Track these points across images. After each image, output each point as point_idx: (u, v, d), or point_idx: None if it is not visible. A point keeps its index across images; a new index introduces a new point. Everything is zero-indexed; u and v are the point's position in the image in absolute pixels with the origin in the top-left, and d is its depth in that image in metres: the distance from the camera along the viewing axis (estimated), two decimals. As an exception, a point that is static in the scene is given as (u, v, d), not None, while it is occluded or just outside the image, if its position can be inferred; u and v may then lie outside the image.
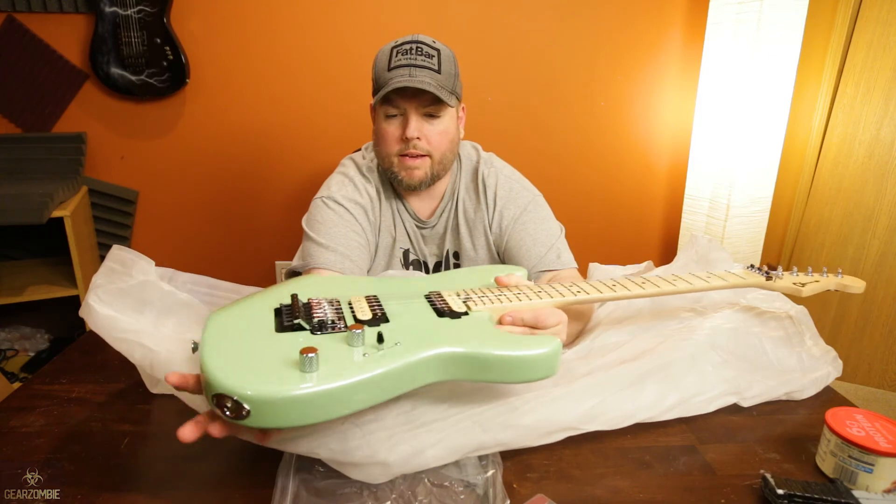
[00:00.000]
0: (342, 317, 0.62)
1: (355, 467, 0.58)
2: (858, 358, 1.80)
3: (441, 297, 0.70)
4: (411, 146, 0.96)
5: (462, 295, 0.71)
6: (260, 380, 0.51)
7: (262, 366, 0.54)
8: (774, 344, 0.83)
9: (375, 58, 0.99)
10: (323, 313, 0.62)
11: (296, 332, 0.59)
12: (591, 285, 0.76)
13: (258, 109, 1.96)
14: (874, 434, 0.61)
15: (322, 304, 0.65)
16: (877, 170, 1.73)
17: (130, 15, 1.75)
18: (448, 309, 0.66)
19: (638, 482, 0.63)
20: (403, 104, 0.95)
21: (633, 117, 2.11)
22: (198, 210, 2.04)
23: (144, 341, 0.68)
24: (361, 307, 0.65)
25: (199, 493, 0.61)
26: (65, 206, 1.70)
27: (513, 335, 0.63)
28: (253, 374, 0.52)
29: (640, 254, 2.23)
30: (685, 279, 0.81)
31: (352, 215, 1.02)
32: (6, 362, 1.86)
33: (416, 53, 0.94)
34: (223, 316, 0.63)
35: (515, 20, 1.96)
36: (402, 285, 0.74)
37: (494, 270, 0.80)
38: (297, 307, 0.63)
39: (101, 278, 0.76)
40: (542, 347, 0.60)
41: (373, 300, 0.68)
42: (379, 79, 0.96)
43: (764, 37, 1.71)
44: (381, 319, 0.62)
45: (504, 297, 0.70)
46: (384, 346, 0.57)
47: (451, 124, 1.00)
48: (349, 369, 0.53)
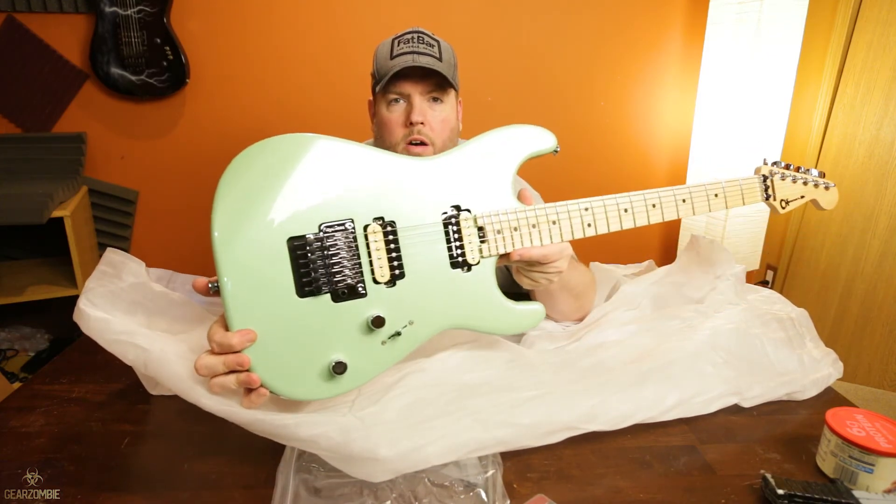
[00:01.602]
0: (360, 273, 0.65)
1: (355, 463, 0.58)
2: (858, 358, 1.80)
3: (459, 229, 0.70)
4: (416, 131, 0.95)
5: (480, 220, 0.71)
6: (293, 383, 0.61)
7: (293, 363, 0.61)
8: (775, 345, 0.83)
9: (376, 51, 0.99)
10: (342, 270, 0.64)
11: (316, 296, 0.63)
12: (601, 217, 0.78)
13: (258, 109, 1.96)
14: (874, 434, 0.61)
15: (339, 247, 0.64)
16: (877, 170, 1.73)
17: (130, 15, 1.75)
18: (462, 259, 0.70)
19: (638, 482, 0.63)
20: (408, 88, 0.95)
21: (633, 117, 2.11)
22: (198, 210, 2.04)
23: (137, 341, 0.68)
24: (379, 257, 0.66)
25: (199, 493, 0.61)
26: (65, 206, 1.70)
27: (507, 304, 0.72)
28: (286, 374, 0.61)
29: (640, 253, 2.23)
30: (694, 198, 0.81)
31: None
32: (6, 362, 1.86)
33: (417, 42, 0.96)
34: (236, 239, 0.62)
35: (515, 20, 1.96)
36: (420, 182, 0.70)
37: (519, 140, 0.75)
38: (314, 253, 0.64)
39: (93, 282, 0.76)
40: (527, 320, 0.74)
41: (389, 236, 0.67)
42: (381, 68, 0.97)
43: (764, 37, 1.71)
44: (398, 277, 0.67)
45: (518, 234, 0.72)
46: (401, 335, 0.65)
47: (451, 113, 1.00)
48: (370, 367, 0.63)
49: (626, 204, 0.78)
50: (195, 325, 0.80)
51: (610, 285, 1.00)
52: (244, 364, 0.60)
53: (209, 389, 0.62)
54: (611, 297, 0.98)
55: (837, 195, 0.92)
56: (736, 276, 0.94)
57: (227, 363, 0.61)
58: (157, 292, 0.80)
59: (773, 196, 0.87)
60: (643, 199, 0.78)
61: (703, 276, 0.97)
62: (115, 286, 0.75)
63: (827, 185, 0.91)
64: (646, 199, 0.78)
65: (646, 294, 0.97)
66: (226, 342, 0.60)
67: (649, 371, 0.75)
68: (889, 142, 1.70)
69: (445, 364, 0.74)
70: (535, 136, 0.76)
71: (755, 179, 0.86)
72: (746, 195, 0.85)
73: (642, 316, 0.92)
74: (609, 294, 0.99)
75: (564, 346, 0.85)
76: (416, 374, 0.71)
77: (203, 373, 0.61)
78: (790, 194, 0.89)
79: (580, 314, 0.95)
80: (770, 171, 0.88)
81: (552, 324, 0.94)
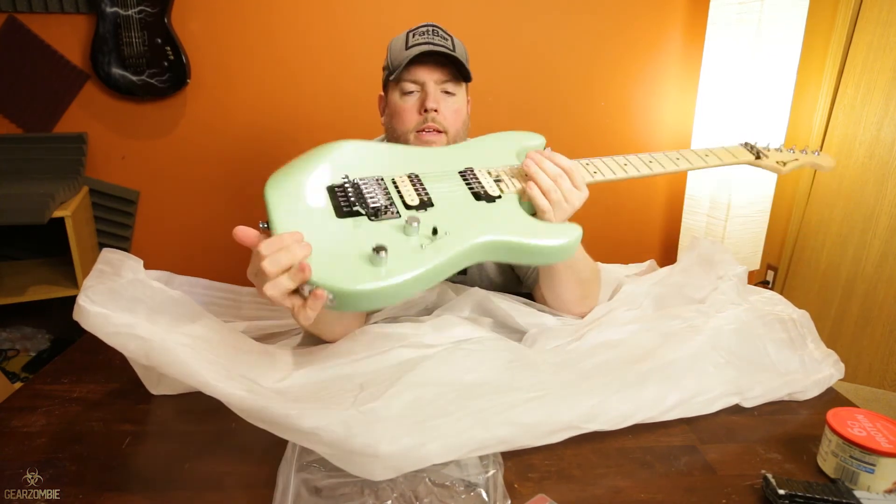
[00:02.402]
0: (392, 201, 0.69)
1: (355, 459, 0.57)
2: (859, 358, 1.79)
3: (475, 176, 0.76)
4: (430, 119, 0.95)
5: (493, 173, 0.77)
6: (341, 275, 0.60)
7: (338, 259, 0.62)
8: (777, 346, 0.83)
9: (390, 45, 1.01)
10: (375, 198, 0.68)
11: (354, 217, 0.66)
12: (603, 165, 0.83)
13: (259, 109, 1.96)
14: (875, 434, 0.61)
15: (371, 186, 0.70)
16: (877, 170, 1.73)
17: (131, 15, 1.75)
18: (483, 192, 0.73)
19: (639, 482, 0.63)
20: (423, 75, 0.96)
21: (634, 117, 2.11)
22: (198, 210, 2.04)
23: (138, 332, 0.67)
24: (408, 191, 0.71)
25: (199, 493, 0.61)
26: (66, 206, 1.70)
27: (541, 223, 0.73)
28: (333, 268, 0.61)
29: (640, 253, 2.23)
30: (686, 157, 0.89)
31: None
32: (7, 362, 1.86)
33: (432, 35, 0.98)
34: (282, 195, 0.67)
35: (515, 20, 1.96)
36: (435, 159, 0.78)
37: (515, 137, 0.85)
38: (349, 189, 0.70)
39: (92, 280, 0.75)
40: (565, 237, 0.72)
41: (415, 180, 0.73)
42: (395, 59, 0.98)
43: (764, 37, 1.71)
44: (427, 204, 0.70)
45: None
46: (437, 238, 0.66)
47: (463, 105, 1.01)
48: (412, 262, 0.63)
49: (624, 161, 0.84)
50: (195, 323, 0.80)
51: (612, 285, 1.00)
52: (295, 256, 0.59)
53: (261, 293, 0.59)
54: (613, 297, 0.98)
55: (831, 157, 0.98)
56: (738, 277, 0.94)
57: (276, 259, 0.58)
58: (155, 289, 0.79)
59: (766, 157, 0.93)
60: (639, 157, 0.86)
61: (705, 276, 0.97)
62: (114, 283, 0.75)
63: (815, 152, 0.97)
64: (641, 158, 0.86)
65: (647, 294, 0.97)
66: (276, 240, 0.59)
67: (650, 371, 0.75)
68: (889, 142, 1.70)
69: (447, 363, 0.74)
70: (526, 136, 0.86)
71: (738, 145, 0.95)
72: (736, 154, 0.93)
73: (643, 316, 0.92)
74: (612, 294, 0.99)
75: (565, 346, 0.85)
76: (419, 373, 0.71)
77: (270, 269, 0.58)
78: (784, 158, 0.95)
79: (583, 306, 0.94)
80: (751, 145, 0.96)
81: (552, 319, 0.93)
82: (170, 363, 0.65)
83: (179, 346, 0.66)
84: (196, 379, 0.63)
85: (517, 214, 0.74)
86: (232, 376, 0.65)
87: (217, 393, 0.62)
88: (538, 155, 0.76)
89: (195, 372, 0.63)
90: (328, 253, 0.62)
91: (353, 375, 0.72)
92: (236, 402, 0.61)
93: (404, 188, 0.72)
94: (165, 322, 0.76)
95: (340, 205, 0.67)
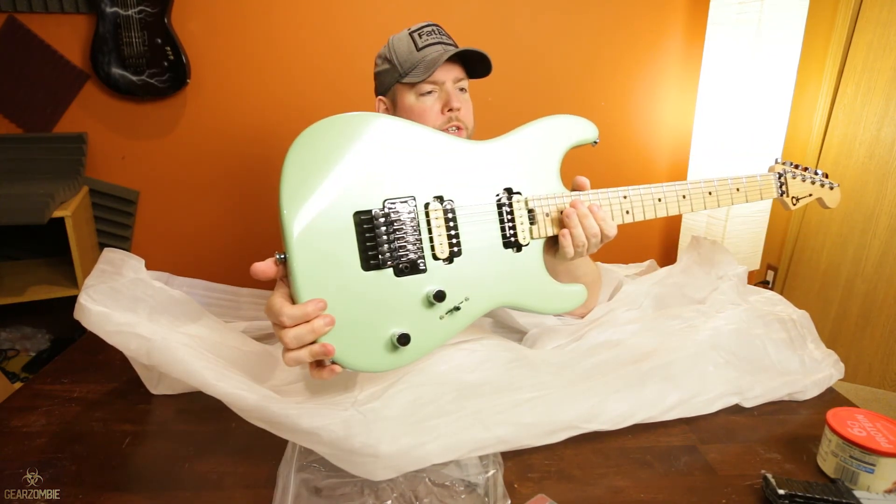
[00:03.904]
0: (421, 253, 0.67)
1: (355, 459, 0.57)
2: (859, 358, 1.79)
3: (511, 210, 0.73)
4: (454, 118, 0.95)
5: (530, 203, 0.74)
6: (363, 360, 0.62)
7: (359, 335, 0.62)
8: (777, 346, 0.83)
9: (391, 46, 0.99)
10: (405, 246, 0.66)
11: (380, 270, 0.65)
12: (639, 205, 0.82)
13: (259, 109, 1.96)
14: (875, 434, 0.61)
15: (402, 223, 0.66)
16: (877, 170, 1.73)
17: (131, 15, 1.75)
18: (514, 239, 0.73)
19: (639, 482, 0.63)
20: (442, 76, 0.95)
21: (634, 117, 2.11)
22: (199, 210, 2.04)
23: (139, 331, 0.67)
24: (440, 235, 0.68)
25: (199, 493, 0.61)
26: (66, 206, 1.70)
27: (554, 284, 0.75)
28: (353, 345, 0.62)
29: (640, 253, 2.23)
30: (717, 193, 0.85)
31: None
32: (7, 362, 1.86)
33: (439, 34, 0.99)
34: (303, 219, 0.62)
35: (515, 20, 1.96)
36: (475, 161, 0.73)
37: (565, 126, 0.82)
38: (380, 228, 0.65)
39: (93, 279, 0.76)
40: (571, 303, 0.76)
41: (450, 217, 0.69)
42: (405, 62, 0.96)
43: (764, 37, 1.71)
44: (455, 255, 0.69)
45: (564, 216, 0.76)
46: (458, 311, 0.68)
47: (471, 101, 1.02)
48: (431, 339, 0.65)
49: (661, 194, 0.82)
50: (196, 323, 0.80)
51: (612, 285, 1.01)
52: (318, 333, 0.59)
53: (285, 362, 0.60)
54: (613, 297, 0.98)
55: (840, 194, 0.95)
56: (738, 277, 0.94)
57: (300, 337, 0.59)
58: (156, 288, 0.79)
59: (787, 192, 0.90)
60: (675, 190, 0.82)
61: (705, 276, 0.97)
62: (115, 282, 0.75)
63: (832, 185, 0.94)
64: (677, 192, 0.82)
65: (647, 294, 0.97)
66: (299, 312, 0.59)
67: (650, 371, 0.75)
68: (889, 142, 1.69)
69: (447, 363, 0.74)
70: (580, 126, 0.81)
71: (771, 177, 0.89)
72: (763, 191, 0.89)
73: (643, 316, 0.92)
74: (612, 294, 0.99)
75: (565, 346, 0.85)
76: (419, 373, 0.71)
77: (292, 345, 0.59)
78: (800, 192, 0.92)
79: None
80: (783, 170, 0.91)
81: (552, 319, 0.93)
82: (170, 362, 0.65)
83: (180, 346, 0.66)
84: (196, 378, 0.63)
85: (538, 270, 0.74)
86: (232, 376, 0.65)
87: (217, 392, 0.62)
88: (583, 208, 0.75)
89: (195, 371, 0.63)
90: (350, 325, 0.62)
91: (354, 375, 0.72)
92: (236, 402, 0.61)
93: (437, 230, 0.68)
94: (166, 321, 0.76)
95: (367, 255, 0.64)
